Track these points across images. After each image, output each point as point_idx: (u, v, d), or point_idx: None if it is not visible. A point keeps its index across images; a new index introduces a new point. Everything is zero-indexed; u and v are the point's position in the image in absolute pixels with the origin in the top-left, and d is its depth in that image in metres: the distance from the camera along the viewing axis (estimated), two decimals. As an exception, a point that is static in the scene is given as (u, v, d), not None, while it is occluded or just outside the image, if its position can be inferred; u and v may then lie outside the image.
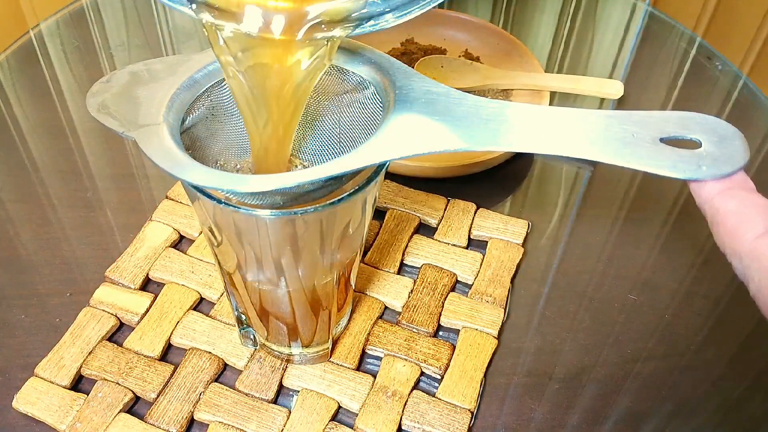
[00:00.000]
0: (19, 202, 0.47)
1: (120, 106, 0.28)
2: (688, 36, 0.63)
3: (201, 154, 0.31)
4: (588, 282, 0.44)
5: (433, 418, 0.37)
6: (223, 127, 0.32)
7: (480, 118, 0.27)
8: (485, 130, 0.26)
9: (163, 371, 0.38)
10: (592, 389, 0.39)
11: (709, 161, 0.24)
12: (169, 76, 0.30)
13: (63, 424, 0.36)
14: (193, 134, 0.31)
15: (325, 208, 0.27)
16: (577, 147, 0.25)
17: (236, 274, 0.33)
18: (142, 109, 0.28)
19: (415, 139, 0.26)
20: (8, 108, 0.54)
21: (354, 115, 0.32)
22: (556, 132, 0.26)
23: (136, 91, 0.29)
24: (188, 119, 0.30)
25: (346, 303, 0.39)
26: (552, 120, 0.26)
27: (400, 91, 0.28)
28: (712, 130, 0.25)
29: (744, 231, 0.23)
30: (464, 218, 0.46)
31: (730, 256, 0.24)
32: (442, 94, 0.28)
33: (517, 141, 0.26)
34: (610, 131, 0.25)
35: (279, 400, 0.38)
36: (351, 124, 0.32)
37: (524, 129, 0.26)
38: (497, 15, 0.66)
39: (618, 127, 0.26)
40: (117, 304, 0.40)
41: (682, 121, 0.25)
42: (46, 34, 0.60)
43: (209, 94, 0.31)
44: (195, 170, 0.25)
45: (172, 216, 0.45)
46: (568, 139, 0.26)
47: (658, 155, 0.25)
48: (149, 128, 0.27)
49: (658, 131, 0.25)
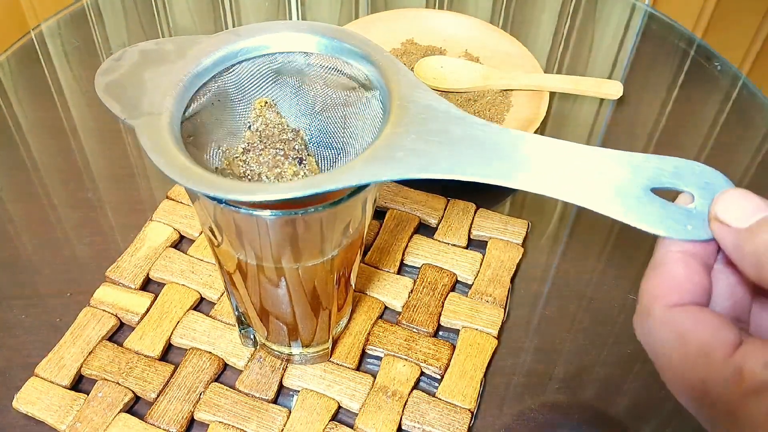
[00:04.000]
0: (19, 202, 0.47)
1: (126, 88, 0.28)
2: (687, 36, 0.63)
3: (204, 140, 0.31)
4: (588, 282, 0.44)
5: (433, 418, 0.37)
6: (228, 114, 0.32)
7: (475, 142, 0.26)
8: (476, 157, 0.25)
9: (164, 371, 0.38)
10: (592, 389, 0.39)
11: (697, 221, 0.23)
12: (178, 59, 0.29)
13: (63, 424, 0.36)
14: (197, 121, 0.30)
15: (325, 208, 0.27)
16: (567, 191, 0.24)
17: (236, 274, 0.33)
18: (147, 95, 0.28)
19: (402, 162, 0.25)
20: (8, 108, 0.54)
21: (358, 112, 0.31)
22: (550, 170, 0.25)
23: (144, 74, 0.29)
24: (192, 106, 0.29)
25: (346, 303, 0.39)
26: (548, 154, 0.25)
27: (401, 103, 0.28)
28: (708, 185, 0.24)
29: (664, 296, 0.23)
30: (464, 218, 0.46)
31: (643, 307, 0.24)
32: (442, 111, 0.27)
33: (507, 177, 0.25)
34: (603, 174, 0.24)
35: (279, 400, 0.38)
36: (355, 122, 0.32)
37: (518, 162, 0.25)
38: (497, 15, 0.66)
39: (611, 171, 0.24)
40: (117, 304, 0.41)
41: (679, 170, 0.24)
42: (47, 35, 0.60)
43: (216, 80, 0.30)
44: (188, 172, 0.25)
45: (172, 216, 0.45)
46: (559, 181, 0.24)
47: (646, 209, 0.24)
48: (151, 118, 0.27)
49: (652, 180, 0.24)
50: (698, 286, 0.23)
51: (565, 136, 0.54)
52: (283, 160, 0.31)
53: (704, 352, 0.22)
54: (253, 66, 0.31)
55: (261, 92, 0.32)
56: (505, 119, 0.52)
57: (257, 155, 0.31)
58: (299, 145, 0.32)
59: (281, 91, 0.33)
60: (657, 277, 0.24)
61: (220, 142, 0.32)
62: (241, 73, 0.31)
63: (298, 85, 0.32)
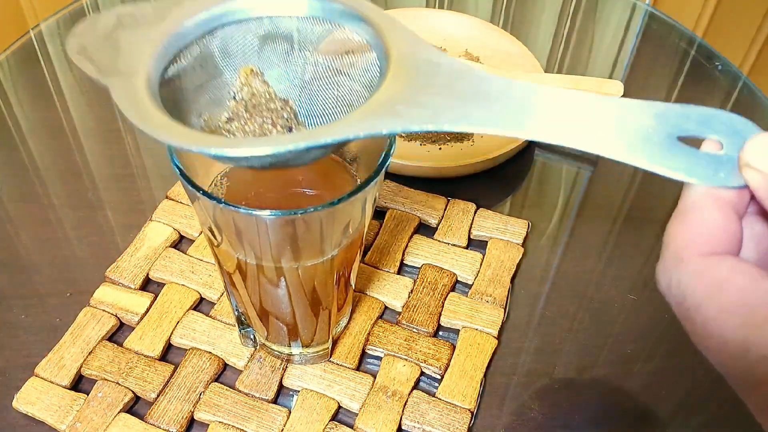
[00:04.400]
0: (19, 202, 0.47)
1: (101, 50, 0.26)
2: (688, 36, 0.63)
3: (184, 108, 0.29)
4: (588, 282, 0.44)
5: (433, 417, 0.37)
6: (212, 81, 0.30)
7: (480, 96, 0.24)
8: (483, 109, 0.24)
9: (163, 371, 0.38)
10: (592, 389, 0.39)
11: (728, 168, 0.22)
12: (158, 21, 0.28)
13: (63, 424, 0.36)
14: (177, 85, 0.28)
15: (325, 208, 0.27)
16: (585, 139, 0.23)
17: (236, 274, 0.32)
18: (124, 56, 0.26)
19: (403, 114, 0.24)
20: (8, 108, 0.54)
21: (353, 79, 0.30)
22: (566, 119, 0.23)
23: (121, 36, 0.27)
24: (172, 68, 0.28)
25: (346, 303, 0.39)
26: (563, 105, 0.24)
27: (400, 59, 0.26)
28: (738, 132, 0.23)
29: (697, 243, 0.21)
30: (464, 218, 0.46)
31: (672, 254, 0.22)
32: (445, 65, 0.25)
33: (518, 126, 0.23)
34: (624, 123, 0.23)
35: (279, 400, 0.38)
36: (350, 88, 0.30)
37: (529, 113, 0.23)
38: (497, 15, 0.66)
39: (634, 119, 0.23)
40: (117, 304, 0.40)
41: (706, 118, 0.23)
42: (46, 34, 0.60)
43: (198, 44, 0.29)
44: (167, 128, 0.24)
45: (172, 216, 0.45)
46: (576, 129, 0.23)
47: (674, 157, 0.22)
48: (126, 77, 0.25)
49: (678, 128, 0.23)
50: (731, 235, 0.22)
51: (566, 136, 0.54)
52: (271, 128, 0.29)
53: (744, 303, 0.20)
54: (238, 30, 0.29)
55: (247, 59, 0.30)
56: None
57: (242, 124, 0.29)
58: (288, 114, 0.30)
59: (269, 58, 0.31)
60: (688, 223, 0.22)
61: (201, 110, 0.30)
62: (226, 37, 0.29)
63: (288, 51, 0.30)
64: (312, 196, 0.34)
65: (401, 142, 0.51)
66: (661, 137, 0.23)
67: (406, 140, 0.51)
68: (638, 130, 0.23)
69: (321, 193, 0.34)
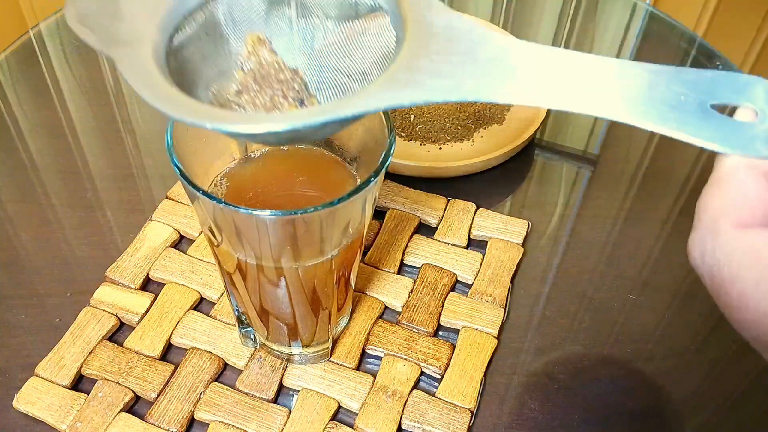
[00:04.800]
0: (19, 202, 0.47)
1: (102, 18, 0.25)
2: (688, 36, 0.63)
3: (190, 79, 0.28)
4: (588, 282, 0.44)
5: (433, 417, 0.37)
6: (219, 50, 0.29)
7: (504, 64, 0.23)
8: (509, 79, 0.23)
9: (164, 371, 0.38)
10: (592, 389, 0.39)
11: (765, 137, 0.21)
12: None
13: (63, 424, 0.36)
14: (183, 55, 0.27)
15: (325, 208, 0.27)
16: (614, 107, 0.22)
17: (236, 274, 0.32)
18: (126, 24, 0.25)
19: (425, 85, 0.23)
20: (8, 108, 0.54)
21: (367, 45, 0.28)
22: (592, 87, 0.22)
23: (122, 2, 0.26)
24: (177, 37, 0.27)
25: (346, 303, 0.39)
26: (589, 71, 0.23)
27: (417, 25, 0.25)
28: None
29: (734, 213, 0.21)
30: (464, 218, 0.46)
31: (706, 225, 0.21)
32: (464, 31, 0.24)
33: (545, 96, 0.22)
34: (654, 91, 0.22)
35: (279, 400, 0.38)
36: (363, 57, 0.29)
37: (555, 81, 0.23)
38: (497, 15, 0.66)
39: (664, 87, 0.22)
40: (117, 304, 0.41)
41: (740, 85, 0.22)
42: (46, 34, 0.60)
43: (203, 10, 0.27)
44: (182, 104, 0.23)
45: (172, 216, 0.45)
46: (604, 97, 0.22)
47: (708, 125, 0.21)
48: (132, 47, 0.24)
49: (710, 95, 0.22)
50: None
51: (566, 137, 0.54)
52: (283, 101, 0.28)
53: None
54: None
55: (253, 26, 0.29)
56: (505, 119, 0.52)
57: (252, 97, 0.28)
58: (299, 85, 0.29)
59: (277, 24, 0.29)
60: (723, 193, 0.21)
61: (209, 82, 0.28)
62: (231, 1, 0.28)
63: (297, 17, 0.29)
64: (312, 196, 0.34)
65: (401, 142, 0.51)
66: (693, 105, 0.22)
67: (406, 140, 0.51)
68: (668, 98, 0.22)
69: (321, 194, 0.34)
